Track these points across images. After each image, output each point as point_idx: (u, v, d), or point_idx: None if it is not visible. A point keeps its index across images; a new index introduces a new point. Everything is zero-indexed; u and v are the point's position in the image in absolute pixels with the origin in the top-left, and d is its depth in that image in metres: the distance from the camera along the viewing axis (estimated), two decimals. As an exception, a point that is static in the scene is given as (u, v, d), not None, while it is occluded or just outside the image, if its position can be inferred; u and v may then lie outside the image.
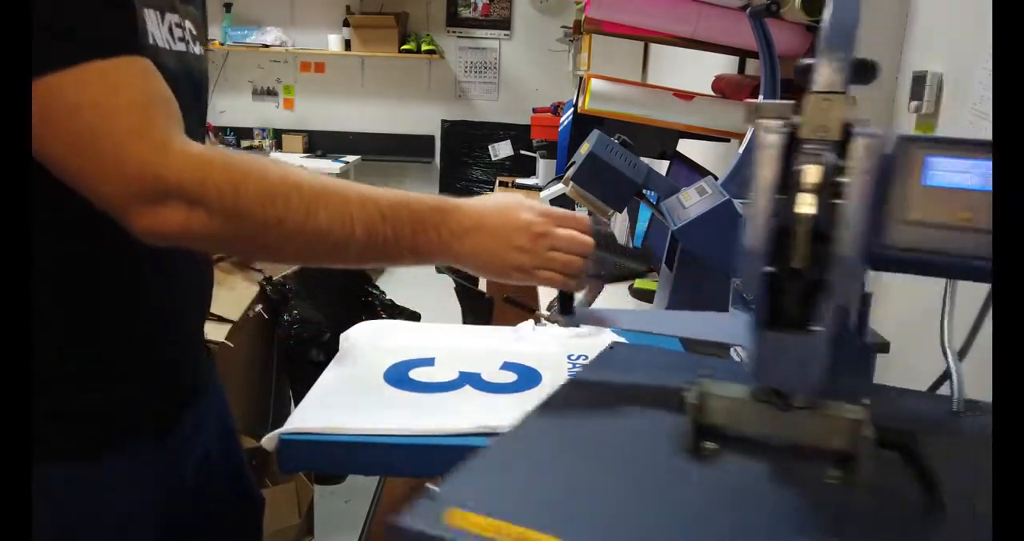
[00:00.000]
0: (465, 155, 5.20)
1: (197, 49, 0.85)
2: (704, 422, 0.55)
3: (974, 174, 0.51)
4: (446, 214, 0.73)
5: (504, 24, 5.14)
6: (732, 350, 0.94)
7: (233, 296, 2.15)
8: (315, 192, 0.68)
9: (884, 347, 0.85)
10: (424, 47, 4.97)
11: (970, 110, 1.03)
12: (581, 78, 2.32)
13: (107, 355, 0.77)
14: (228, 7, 4.95)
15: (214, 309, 2.01)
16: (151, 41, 0.72)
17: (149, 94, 0.66)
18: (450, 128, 5.24)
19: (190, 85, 0.81)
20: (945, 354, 0.73)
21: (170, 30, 0.78)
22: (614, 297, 1.54)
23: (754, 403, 0.54)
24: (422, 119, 5.23)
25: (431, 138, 5.27)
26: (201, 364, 0.93)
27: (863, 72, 0.64)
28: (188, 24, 0.83)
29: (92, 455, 0.75)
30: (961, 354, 0.79)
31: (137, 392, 0.79)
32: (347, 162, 4.93)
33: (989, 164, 0.51)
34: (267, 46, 4.95)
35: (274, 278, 2.30)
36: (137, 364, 0.80)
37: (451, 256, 0.74)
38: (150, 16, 0.72)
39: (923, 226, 0.51)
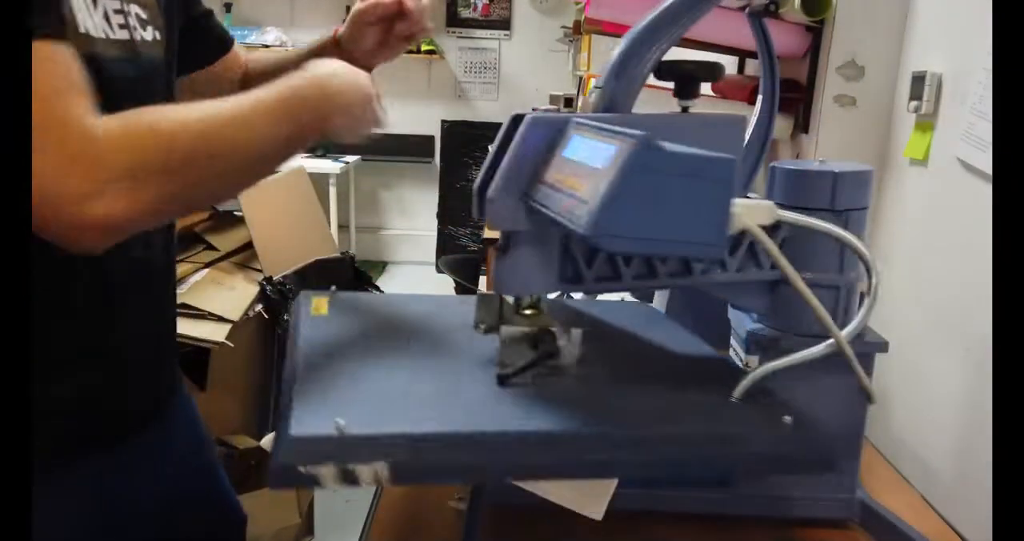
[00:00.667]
0: (465, 155, 5.20)
1: (148, 34, 0.81)
2: (490, 314, 0.81)
3: (585, 149, 0.65)
4: (322, 85, 0.75)
5: (504, 24, 5.14)
6: (731, 350, 0.94)
7: (233, 296, 2.15)
8: (230, 118, 0.69)
9: (883, 346, 0.85)
10: (424, 47, 4.97)
11: (969, 110, 1.04)
12: (581, 78, 2.31)
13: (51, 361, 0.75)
14: (228, 7, 4.95)
15: (214, 309, 2.02)
16: (82, 30, 0.70)
17: (63, 81, 0.61)
18: (450, 128, 5.24)
19: (139, 75, 0.78)
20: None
21: (106, 17, 0.74)
22: (615, 296, 1.54)
23: (512, 306, 0.79)
24: (422, 119, 5.22)
25: (431, 138, 5.27)
26: (156, 389, 0.90)
27: (711, 72, 0.79)
28: (134, 8, 0.79)
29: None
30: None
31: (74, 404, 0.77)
32: (347, 162, 4.92)
33: (599, 145, 0.64)
34: (267, 46, 4.95)
35: (274, 278, 2.30)
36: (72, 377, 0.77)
37: (330, 122, 0.76)
38: (78, 3, 0.70)
39: (546, 186, 0.68)
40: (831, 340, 0.75)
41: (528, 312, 0.79)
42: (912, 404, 1.18)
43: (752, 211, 0.72)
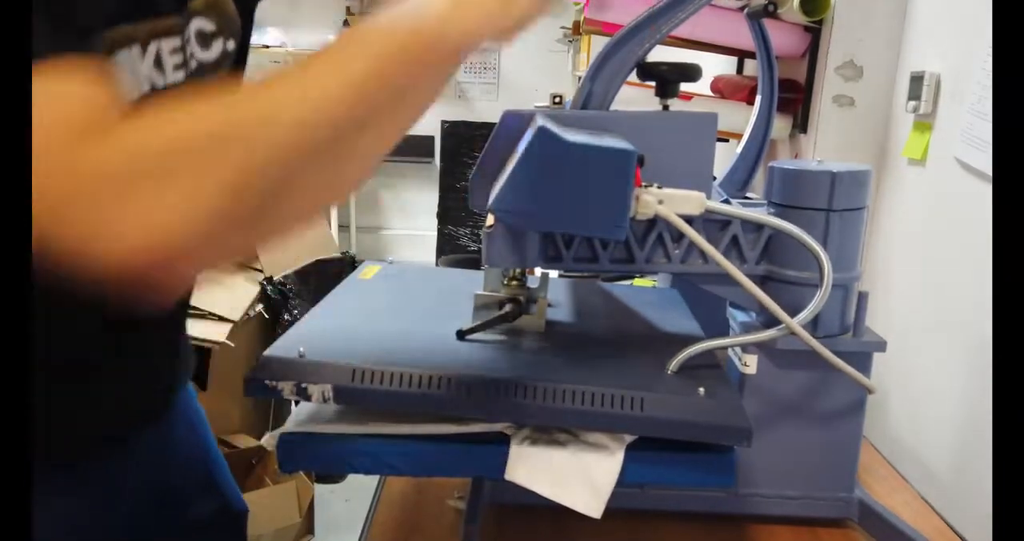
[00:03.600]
0: (465, 155, 5.20)
1: (213, 52, 0.71)
2: (495, 283, 0.89)
3: (526, 139, 0.71)
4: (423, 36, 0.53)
5: (504, 24, 5.14)
6: (729, 349, 0.94)
7: (233, 296, 2.15)
8: (278, 78, 0.50)
9: (881, 346, 0.85)
10: (424, 47, 4.97)
11: (967, 110, 1.04)
12: (580, 78, 2.32)
13: None
14: (228, 7, 4.95)
15: (215, 309, 2.02)
16: (135, 98, 0.60)
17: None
18: (450, 128, 5.23)
19: None
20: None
21: (158, 61, 0.63)
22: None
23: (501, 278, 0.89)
24: (422, 120, 5.21)
25: (431, 138, 5.27)
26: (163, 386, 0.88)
27: (689, 74, 0.83)
28: (198, 24, 0.68)
29: None
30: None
31: None
32: (347, 162, 4.93)
33: (528, 134, 0.71)
34: (267, 47, 4.95)
35: (274, 278, 2.30)
36: None
37: (441, 19, 0.53)
38: (124, 60, 0.58)
39: (504, 171, 0.74)
40: (782, 325, 0.78)
41: (513, 283, 0.88)
42: (911, 403, 1.19)
43: (675, 201, 0.75)
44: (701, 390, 0.75)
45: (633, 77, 0.84)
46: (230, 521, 1.03)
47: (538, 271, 0.92)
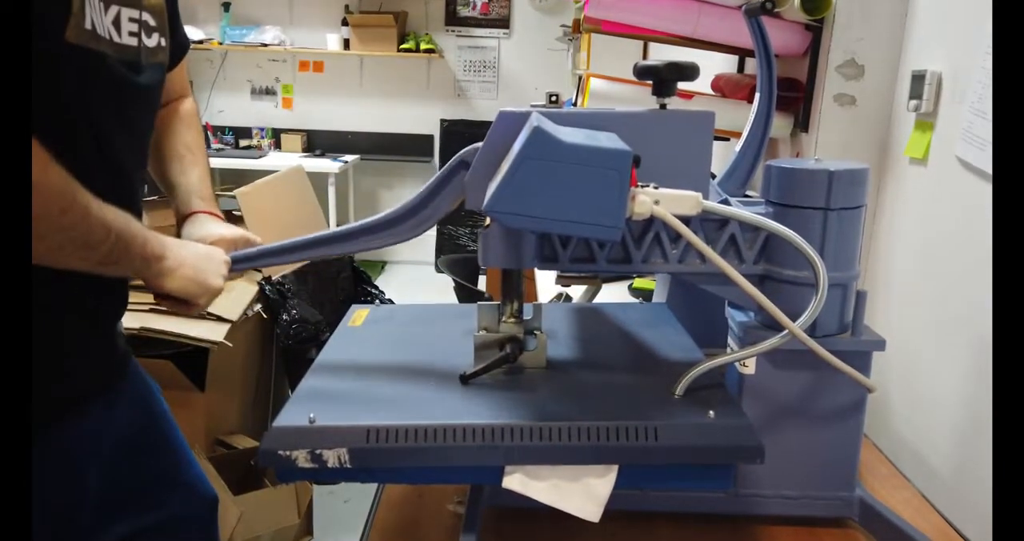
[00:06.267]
0: (464, 154, 5.19)
1: (153, 40, 0.88)
2: (489, 320, 0.89)
3: (518, 142, 0.71)
4: (166, 244, 0.87)
5: (503, 23, 5.14)
6: (728, 350, 0.94)
7: (232, 296, 2.14)
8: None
9: (880, 345, 0.85)
10: (423, 46, 4.97)
11: (968, 109, 1.03)
12: (580, 77, 2.31)
13: None
14: (226, 6, 4.94)
15: (213, 309, 2.01)
16: (87, 25, 0.76)
17: None
18: (449, 127, 5.23)
19: (145, 82, 0.85)
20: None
21: (116, 22, 0.81)
22: (614, 296, 1.54)
23: (498, 315, 0.89)
24: (421, 118, 5.22)
25: (430, 137, 5.27)
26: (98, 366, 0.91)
27: (685, 73, 0.81)
28: (146, 16, 0.86)
29: None
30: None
31: None
32: (346, 161, 4.93)
33: (523, 134, 0.71)
34: (266, 45, 4.95)
35: (273, 278, 2.29)
36: None
37: (161, 263, 0.86)
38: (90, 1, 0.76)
39: (498, 173, 0.74)
40: (785, 331, 0.77)
41: (511, 320, 0.86)
42: (912, 402, 1.18)
43: (671, 201, 0.75)
44: (711, 413, 0.74)
45: (631, 75, 0.83)
46: (195, 506, 1.04)
47: (538, 273, 0.91)
